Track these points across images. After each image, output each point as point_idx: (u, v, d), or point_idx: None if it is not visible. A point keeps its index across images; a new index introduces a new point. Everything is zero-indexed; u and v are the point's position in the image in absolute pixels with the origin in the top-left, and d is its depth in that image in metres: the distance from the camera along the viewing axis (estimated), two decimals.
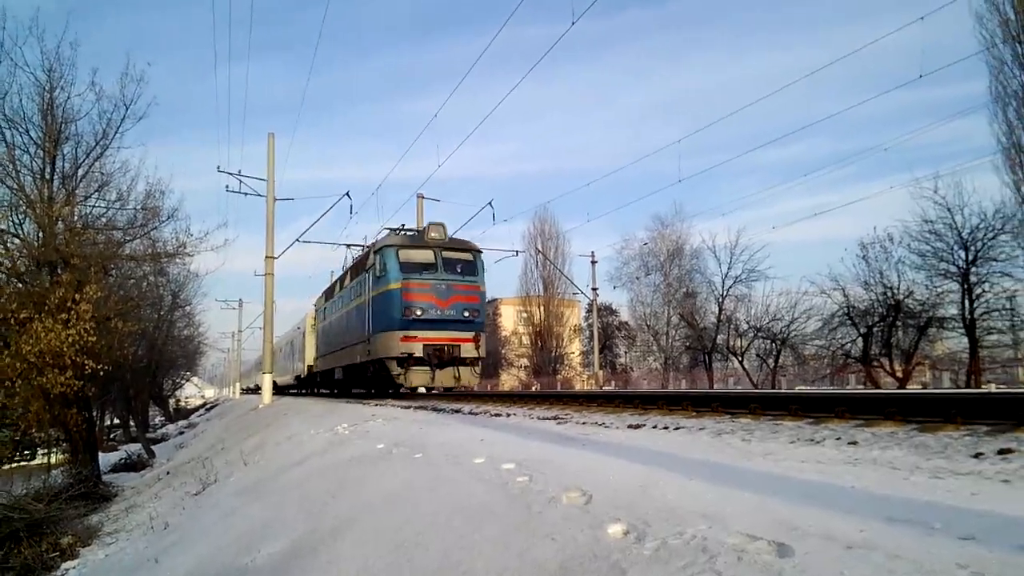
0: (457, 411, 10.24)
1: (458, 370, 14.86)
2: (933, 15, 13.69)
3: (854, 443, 3.98)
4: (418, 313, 14.39)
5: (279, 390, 34.62)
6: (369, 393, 19.33)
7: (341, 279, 21.24)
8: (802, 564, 1.91)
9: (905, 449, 3.65)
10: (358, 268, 18.26)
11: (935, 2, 13.25)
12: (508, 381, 46.97)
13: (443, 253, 15.34)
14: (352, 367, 18.88)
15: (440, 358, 14.59)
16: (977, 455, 3.33)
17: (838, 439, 4.17)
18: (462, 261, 15.62)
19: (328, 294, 24.05)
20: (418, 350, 14.33)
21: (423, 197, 25.88)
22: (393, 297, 14.73)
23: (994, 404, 4.56)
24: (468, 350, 15.00)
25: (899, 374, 23.40)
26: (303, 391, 33.86)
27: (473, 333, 15.16)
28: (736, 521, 2.35)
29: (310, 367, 28.41)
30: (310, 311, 30.05)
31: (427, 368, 14.61)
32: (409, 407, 12.68)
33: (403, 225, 18.47)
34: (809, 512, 2.34)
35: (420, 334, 14.46)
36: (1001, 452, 3.32)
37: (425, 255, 15.18)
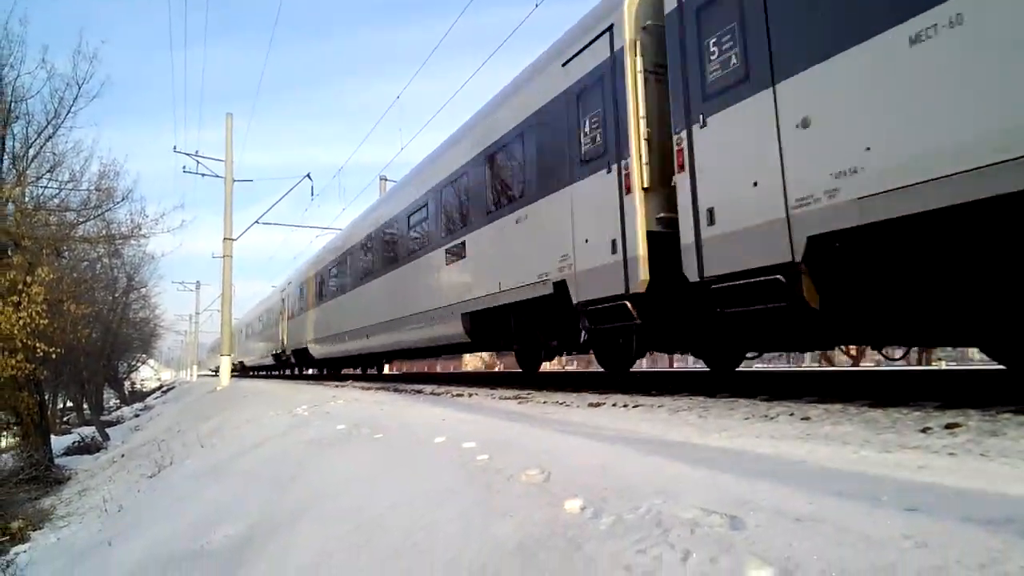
0: (419, 392, 10.22)
1: None
2: None
3: (807, 419, 4.07)
4: None
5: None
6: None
7: None
8: (752, 536, 1.93)
9: (856, 424, 3.73)
10: None
11: None
12: (471, 362, 47.08)
13: None
14: None
15: None
16: (925, 430, 3.42)
17: (791, 415, 4.25)
18: None
19: None
20: None
21: (385, 179, 25.60)
22: None
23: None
24: None
25: (853, 352, 24.10)
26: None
27: None
28: (691, 496, 2.38)
29: None
30: None
31: None
32: (371, 388, 12.63)
33: None
34: (761, 486, 2.38)
35: None
36: (948, 427, 3.42)
37: None
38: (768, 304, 5.15)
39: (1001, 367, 6.19)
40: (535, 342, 9.41)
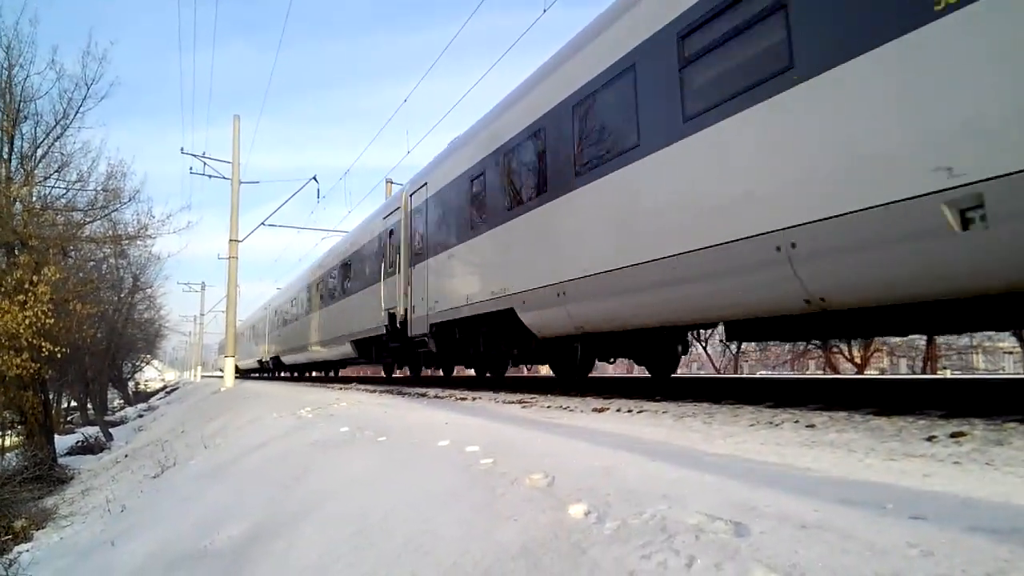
0: (423, 395, 10.21)
1: None
2: None
3: (811, 426, 4.06)
4: None
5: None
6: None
7: None
8: (757, 543, 1.93)
9: (861, 432, 3.72)
10: None
11: None
12: None
13: None
14: None
15: None
16: (930, 438, 3.41)
17: (796, 422, 4.24)
18: None
19: None
20: None
21: (391, 183, 25.66)
22: None
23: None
24: None
25: (858, 360, 24.05)
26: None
27: None
28: (695, 502, 2.38)
29: None
30: None
31: None
32: (374, 391, 12.63)
33: None
34: (766, 493, 2.38)
35: None
36: (953, 435, 3.40)
37: None
38: None
39: None
40: None
